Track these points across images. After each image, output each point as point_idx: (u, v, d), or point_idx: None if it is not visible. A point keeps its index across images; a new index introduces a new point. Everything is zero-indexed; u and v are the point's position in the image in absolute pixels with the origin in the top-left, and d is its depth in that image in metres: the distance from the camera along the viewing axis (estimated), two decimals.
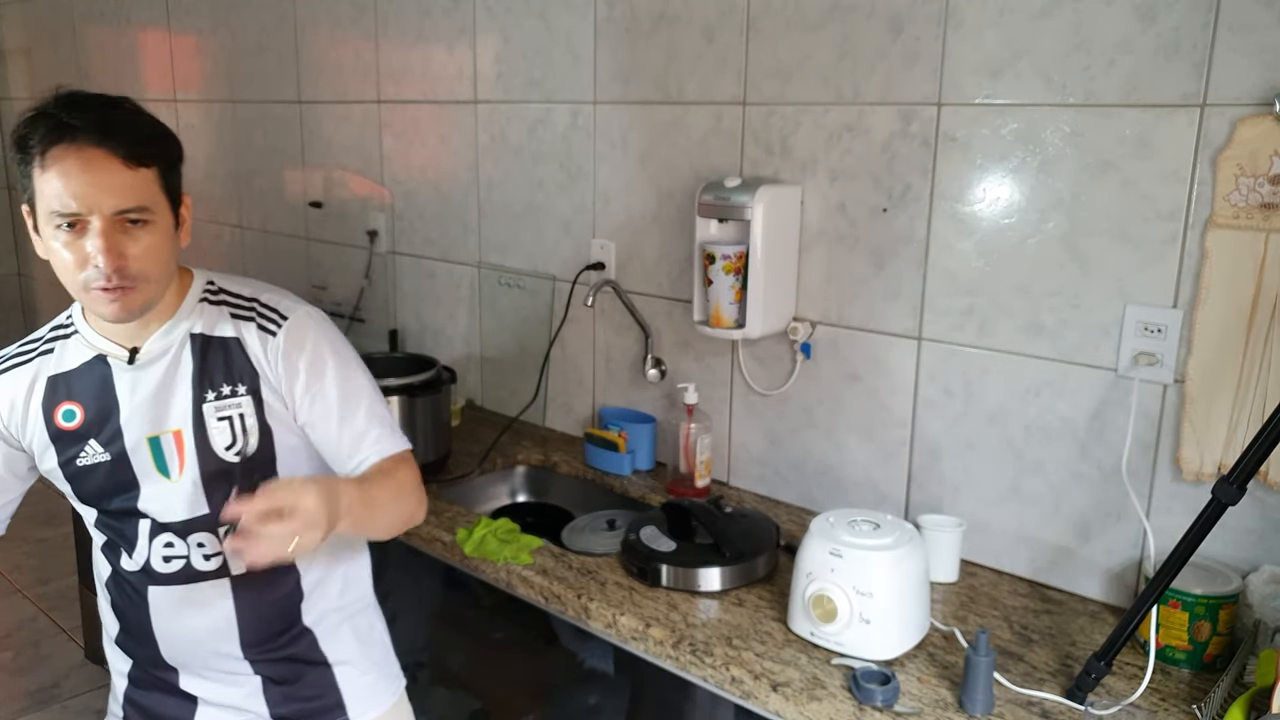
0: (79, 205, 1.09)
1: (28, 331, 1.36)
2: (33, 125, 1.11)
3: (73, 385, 1.24)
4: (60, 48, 4.09)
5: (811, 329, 1.88)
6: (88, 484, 1.25)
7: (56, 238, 1.12)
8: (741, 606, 1.57)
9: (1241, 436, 1.43)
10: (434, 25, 2.49)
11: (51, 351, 1.26)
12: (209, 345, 1.24)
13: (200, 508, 1.24)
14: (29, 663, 3.02)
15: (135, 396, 1.23)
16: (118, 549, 1.29)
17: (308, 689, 1.34)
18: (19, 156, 1.13)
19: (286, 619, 1.32)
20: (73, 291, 1.17)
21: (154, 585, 1.27)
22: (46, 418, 1.24)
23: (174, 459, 1.23)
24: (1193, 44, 1.40)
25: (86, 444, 1.23)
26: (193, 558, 1.26)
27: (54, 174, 1.09)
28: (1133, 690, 1.32)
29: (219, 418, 1.22)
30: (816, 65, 1.80)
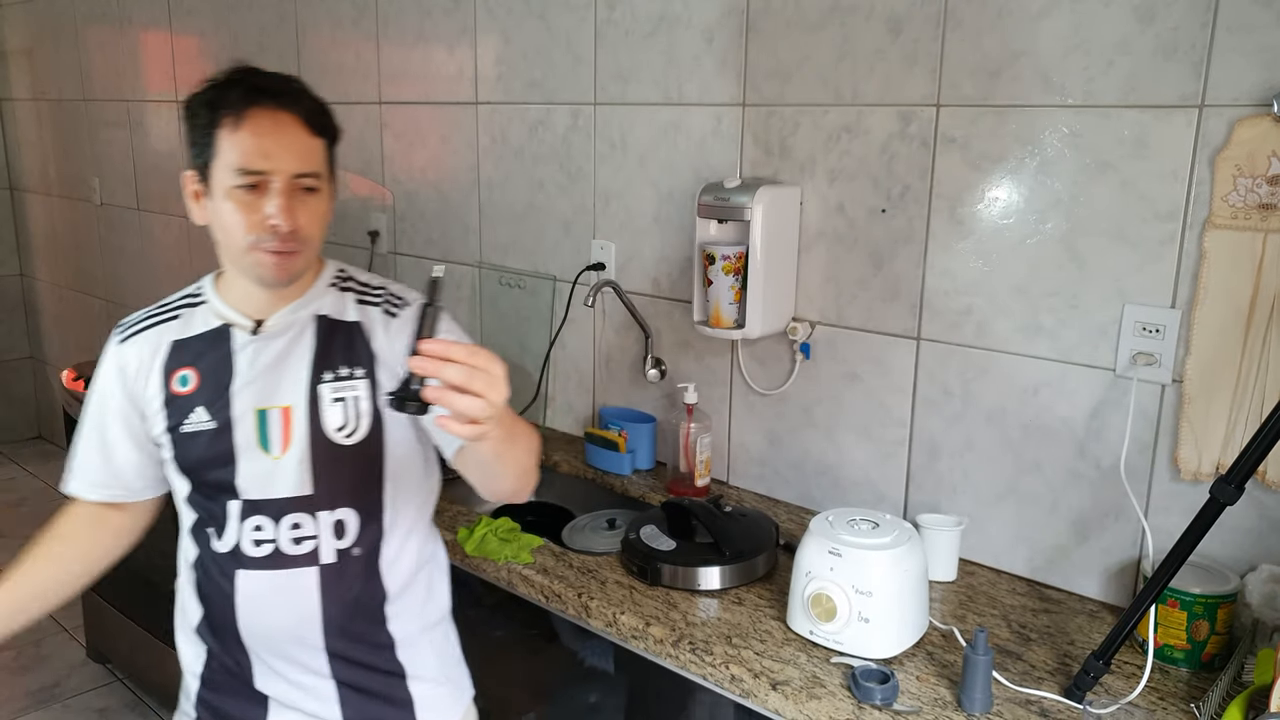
0: (266, 164, 1.15)
1: (30, 332, 1.38)
2: (225, 88, 1.16)
3: (193, 351, 1.25)
4: (62, 48, 4.09)
5: (811, 329, 1.89)
6: (189, 452, 1.25)
7: (233, 197, 1.16)
8: (741, 605, 1.57)
9: (1239, 436, 1.43)
10: (435, 26, 2.50)
11: (178, 318, 1.28)
12: (334, 328, 1.26)
13: (302, 488, 1.23)
14: (30, 662, 3.03)
15: (251, 368, 1.24)
16: (207, 530, 1.28)
17: (380, 699, 1.32)
18: (206, 117, 1.17)
19: (370, 619, 1.30)
20: (233, 252, 1.20)
21: (242, 569, 1.25)
22: (164, 381, 1.25)
23: (278, 434, 1.22)
24: (1191, 44, 1.41)
25: (194, 410, 1.24)
26: (281, 542, 1.24)
27: (247, 132, 1.14)
28: (1131, 689, 1.32)
29: (334, 398, 1.23)
30: (816, 66, 1.80)
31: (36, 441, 4.98)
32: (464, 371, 0.90)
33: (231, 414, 1.23)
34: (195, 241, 3.58)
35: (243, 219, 1.17)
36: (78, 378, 2.76)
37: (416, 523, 1.34)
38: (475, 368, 0.90)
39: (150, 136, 3.70)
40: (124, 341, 1.29)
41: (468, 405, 0.91)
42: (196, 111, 1.18)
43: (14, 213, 4.85)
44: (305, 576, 1.25)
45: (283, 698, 1.31)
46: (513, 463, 1.13)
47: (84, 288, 4.39)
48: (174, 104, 3.52)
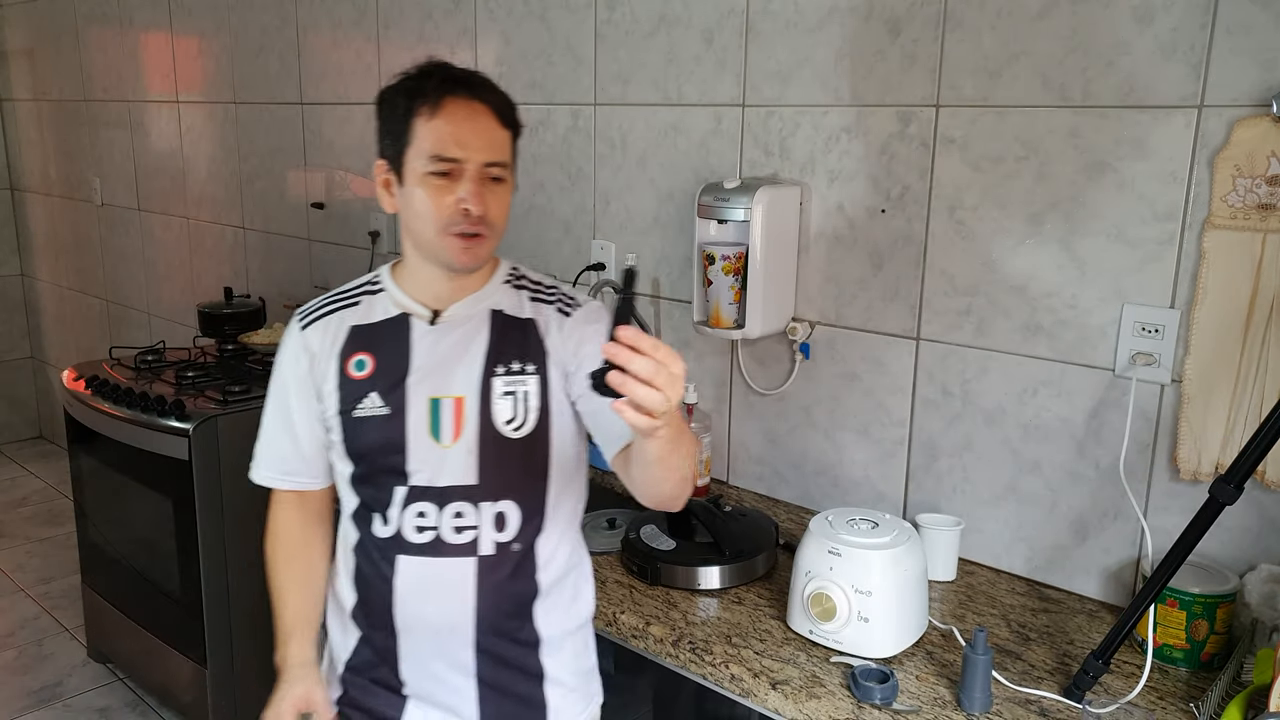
0: (460, 151, 1.19)
1: (30, 332, 1.39)
2: (424, 77, 1.21)
3: (371, 337, 1.28)
4: (63, 49, 4.10)
5: (810, 329, 1.89)
6: (360, 436, 1.27)
7: (426, 183, 1.20)
8: (741, 605, 1.58)
9: (1239, 436, 1.43)
10: (435, 27, 2.50)
11: (358, 304, 1.31)
12: (508, 324, 1.29)
13: (467, 477, 1.25)
14: (32, 661, 3.03)
15: (427, 357, 1.27)
16: (370, 515, 1.29)
17: (516, 699, 1.33)
18: (403, 106, 1.21)
19: (519, 616, 1.31)
20: (424, 237, 1.23)
21: (403, 554, 1.27)
22: (341, 364, 1.28)
23: (449, 424, 1.25)
24: (1190, 45, 1.41)
25: (368, 396, 1.26)
26: (443, 530, 1.26)
27: (443, 120, 1.19)
28: (1130, 689, 1.32)
29: (504, 392, 1.26)
30: (815, 67, 1.81)
31: (37, 441, 4.99)
32: (649, 364, 0.92)
33: (405, 401, 1.25)
34: (195, 241, 3.58)
35: (435, 204, 1.20)
36: (78, 378, 2.77)
37: (571, 522, 1.36)
38: (658, 362, 0.92)
39: (151, 137, 3.70)
40: (306, 327, 1.31)
41: (646, 396, 0.92)
42: (393, 101, 1.22)
43: (15, 213, 4.86)
44: (463, 567, 1.26)
45: (424, 692, 1.32)
46: (675, 468, 1.13)
47: (84, 288, 4.40)
48: (175, 105, 3.52)
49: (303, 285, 3.11)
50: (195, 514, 2.43)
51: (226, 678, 2.54)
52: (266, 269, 3.27)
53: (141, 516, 2.65)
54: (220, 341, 2.97)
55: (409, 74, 1.24)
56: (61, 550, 3.73)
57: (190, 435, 2.39)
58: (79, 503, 2.95)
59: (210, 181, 3.44)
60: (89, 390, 2.68)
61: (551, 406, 1.28)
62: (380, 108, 1.25)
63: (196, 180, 3.51)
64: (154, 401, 2.51)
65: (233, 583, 2.51)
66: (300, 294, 3.12)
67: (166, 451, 2.44)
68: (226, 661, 2.53)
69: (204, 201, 3.50)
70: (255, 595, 2.54)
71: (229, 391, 2.54)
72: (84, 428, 2.72)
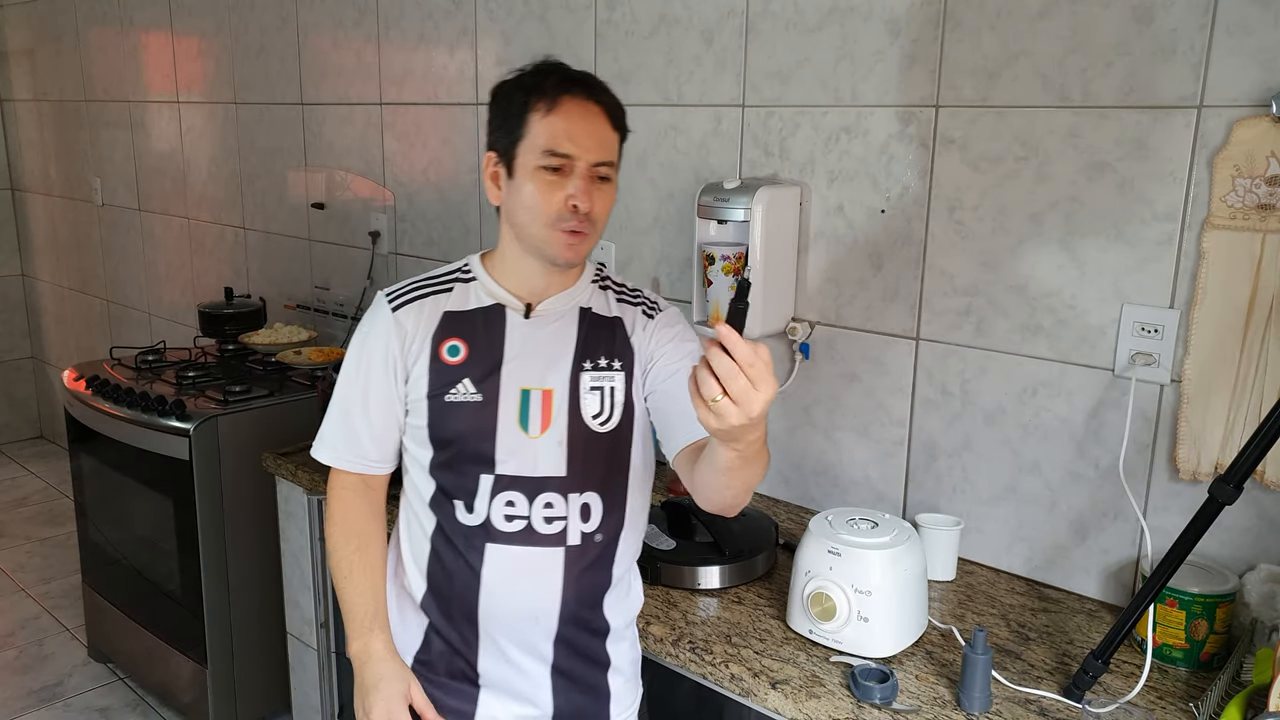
0: (573, 148, 1.22)
1: (31, 332, 1.38)
2: (543, 75, 1.24)
3: (464, 324, 1.29)
4: (63, 49, 4.10)
5: (810, 329, 1.89)
6: (448, 421, 1.27)
7: (537, 177, 1.22)
8: (741, 604, 1.58)
9: (1238, 436, 1.43)
10: (435, 28, 2.50)
11: (451, 290, 1.32)
12: (596, 322, 1.32)
13: (558, 469, 1.27)
14: (32, 661, 3.03)
15: (520, 349, 1.29)
16: (451, 503, 1.29)
17: (584, 687, 1.35)
18: (520, 101, 1.23)
19: (593, 606, 1.33)
20: (530, 229, 1.25)
21: (492, 543, 1.28)
22: (433, 349, 1.28)
23: (537, 416, 1.27)
24: (1190, 45, 1.41)
25: (461, 382, 1.27)
26: (534, 520, 1.27)
27: (559, 117, 1.22)
28: (1130, 688, 1.32)
29: (592, 387, 1.29)
30: (815, 67, 1.81)
31: (37, 441, 4.99)
32: (731, 368, 0.90)
33: (499, 389, 1.27)
34: (195, 241, 3.58)
35: (545, 199, 1.23)
36: (78, 378, 2.77)
37: (641, 517, 1.39)
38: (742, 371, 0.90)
39: (151, 137, 3.70)
40: (398, 308, 1.31)
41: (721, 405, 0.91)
42: (509, 95, 1.25)
43: (15, 213, 4.86)
44: (553, 556, 1.29)
45: (499, 681, 1.33)
46: (741, 480, 1.14)
47: (85, 288, 4.40)
48: (175, 105, 3.52)
49: (303, 285, 3.12)
50: (195, 514, 2.43)
51: (226, 678, 2.54)
52: (267, 269, 3.27)
53: (142, 516, 2.65)
54: (221, 341, 2.97)
55: (526, 71, 1.26)
56: (62, 550, 3.74)
57: (191, 435, 2.39)
58: (79, 503, 2.95)
59: (211, 181, 3.44)
60: (89, 390, 2.68)
61: (634, 403, 1.32)
62: (494, 101, 1.28)
63: (197, 180, 3.51)
64: (154, 401, 2.51)
65: (233, 583, 2.51)
66: (300, 294, 3.12)
67: (167, 451, 2.44)
68: (226, 661, 2.54)
69: (204, 201, 3.50)
70: (255, 595, 2.54)
71: (229, 391, 2.55)
72: (84, 428, 2.73)
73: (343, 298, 2.95)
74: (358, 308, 2.89)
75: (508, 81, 1.27)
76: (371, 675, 1.31)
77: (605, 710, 1.37)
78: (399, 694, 1.30)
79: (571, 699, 1.34)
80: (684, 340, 1.33)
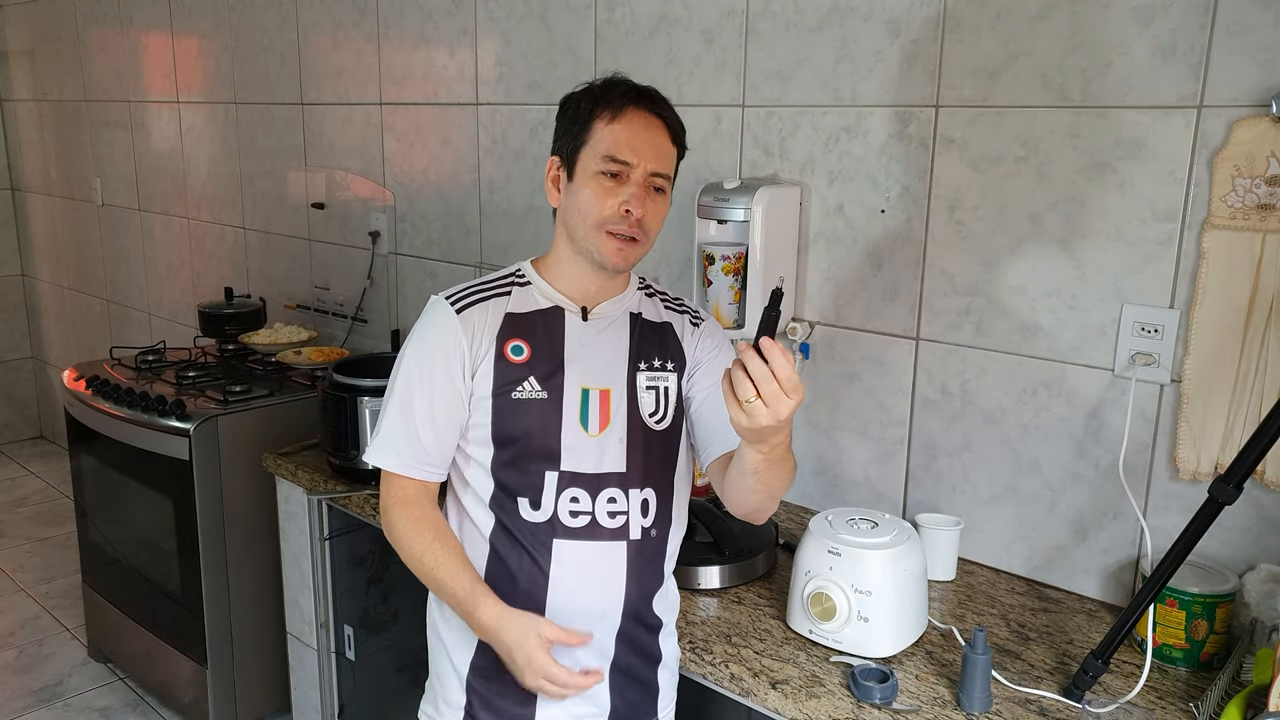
0: (632, 156, 1.27)
1: (31, 332, 1.37)
2: (612, 86, 1.30)
3: (526, 325, 1.32)
4: (63, 49, 4.10)
5: (810, 329, 1.89)
6: (514, 419, 1.29)
7: (595, 181, 1.27)
8: (741, 604, 1.58)
9: (1238, 436, 1.44)
10: (435, 28, 2.50)
11: (509, 293, 1.34)
12: (646, 326, 1.38)
13: (619, 465, 1.31)
14: (32, 661, 3.03)
15: (579, 349, 1.32)
16: (515, 500, 1.30)
17: (639, 684, 1.37)
18: (587, 109, 1.29)
19: (648, 602, 1.36)
20: (582, 231, 1.29)
21: (559, 539, 1.30)
22: (499, 347, 1.30)
23: (596, 414, 1.31)
24: (1190, 45, 1.41)
25: (526, 380, 1.29)
26: (598, 515, 1.31)
27: (622, 125, 1.27)
28: (1130, 688, 1.32)
29: (648, 386, 1.34)
30: (815, 67, 1.81)
31: (37, 441, 4.99)
32: (765, 372, 1.00)
33: (563, 387, 1.30)
34: (195, 241, 3.58)
35: (600, 202, 1.27)
36: (78, 378, 2.77)
37: (683, 515, 1.41)
38: (775, 376, 1.00)
39: (151, 137, 3.70)
40: (462, 309, 1.31)
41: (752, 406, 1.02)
42: (577, 103, 1.30)
43: (15, 213, 4.86)
44: (617, 551, 1.32)
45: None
46: (767, 485, 1.21)
47: (85, 288, 4.40)
48: (175, 106, 3.52)
49: (303, 285, 3.12)
50: (195, 514, 2.43)
51: (226, 678, 2.54)
52: (267, 269, 3.27)
53: (142, 516, 2.65)
54: (221, 341, 2.97)
55: (595, 83, 1.32)
56: (62, 550, 3.74)
57: (191, 435, 2.39)
58: (79, 502, 2.95)
59: (210, 181, 3.44)
60: (89, 390, 2.68)
61: (684, 402, 1.38)
62: (563, 109, 1.33)
63: (197, 180, 3.51)
64: (154, 401, 2.51)
65: (233, 583, 2.51)
66: (301, 294, 3.12)
67: (167, 451, 2.44)
68: (226, 661, 2.53)
69: (204, 201, 3.50)
70: (255, 595, 2.54)
71: (229, 391, 2.55)
72: (84, 428, 2.73)
73: (343, 298, 2.95)
74: (358, 307, 2.89)
75: (576, 93, 1.32)
76: (505, 642, 1.26)
77: (654, 705, 1.40)
78: (536, 647, 1.24)
79: (625, 695, 1.36)
80: (724, 351, 1.39)
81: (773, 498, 1.26)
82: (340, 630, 2.21)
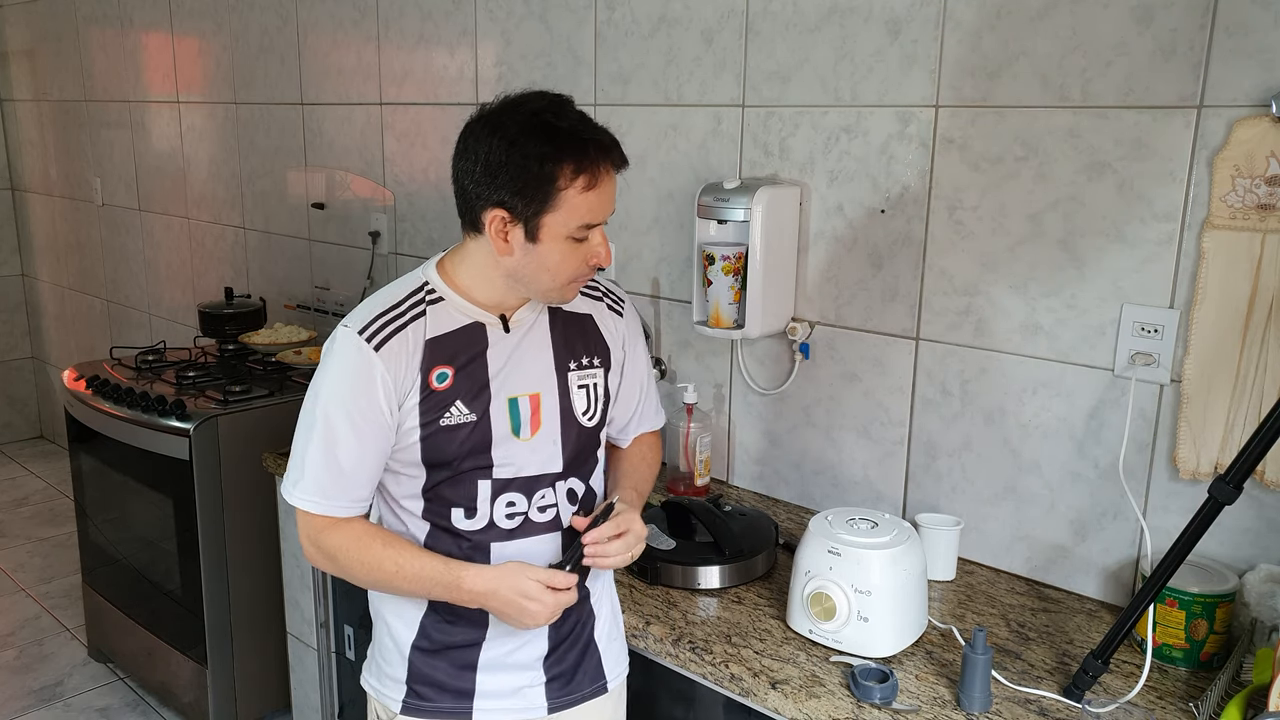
0: (604, 215, 1.24)
1: (31, 332, 1.37)
2: (582, 151, 1.19)
3: (448, 348, 1.28)
4: (63, 49, 4.10)
5: (810, 329, 1.89)
6: (445, 445, 1.27)
7: (567, 245, 1.23)
8: (741, 604, 1.58)
9: (1238, 436, 1.44)
10: (435, 28, 2.50)
11: (424, 314, 1.28)
12: (568, 321, 1.37)
13: (554, 465, 1.33)
14: (32, 661, 3.03)
15: (504, 361, 1.31)
16: (447, 511, 1.31)
17: (575, 654, 1.40)
18: (552, 169, 1.18)
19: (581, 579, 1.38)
20: (544, 286, 1.26)
21: (497, 542, 1.32)
22: (423, 379, 1.27)
23: (527, 419, 1.31)
24: (1190, 45, 1.41)
25: (453, 405, 1.27)
26: (531, 513, 1.33)
27: (597, 193, 1.21)
28: (1130, 688, 1.32)
29: (579, 385, 1.35)
30: (815, 68, 1.81)
31: (37, 441, 4.99)
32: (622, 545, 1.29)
33: (490, 405, 1.29)
34: (195, 241, 3.58)
35: (574, 262, 1.25)
36: (78, 377, 2.77)
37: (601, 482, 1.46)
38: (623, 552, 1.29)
39: (151, 137, 3.70)
40: (380, 346, 1.24)
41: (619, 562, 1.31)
42: (537, 155, 1.18)
43: (15, 213, 4.86)
44: (548, 542, 1.35)
45: (501, 660, 1.35)
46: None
47: (85, 288, 4.40)
48: (175, 106, 3.52)
49: (303, 285, 3.12)
50: (195, 514, 2.43)
51: (226, 678, 2.54)
52: (267, 269, 3.27)
53: (142, 516, 2.65)
54: (221, 341, 2.97)
55: (550, 127, 1.18)
56: (62, 550, 3.74)
57: (191, 435, 2.39)
58: (79, 502, 2.95)
59: (211, 181, 3.44)
60: (90, 390, 2.68)
61: (611, 394, 1.41)
62: (514, 159, 1.18)
63: (197, 180, 3.51)
64: (154, 401, 2.51)
65: (233, 583, 2.51)
66: (301, 294, 3.12)
67: (167, 451, 2.45)
68: (226, 661, 2.54)
69: (204, 201, 3.50)
70: (255, 595, 2.54)
71: (229, 391, 2.55)
72: (85, 427, 2.73)
73: (343, 298, 2.95)
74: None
75: (528, 134, 1.18)
76: (502, 594, 1.26)
77: (600, 670, 1.42)
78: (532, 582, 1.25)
79: (564, 659, 1.38)
80: (637, 346, 1.45)
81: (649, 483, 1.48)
82: (340, 630, 2.21)
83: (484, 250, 1.26)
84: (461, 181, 1.25)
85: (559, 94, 1.25)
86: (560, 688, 1.38)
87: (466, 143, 1.24)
